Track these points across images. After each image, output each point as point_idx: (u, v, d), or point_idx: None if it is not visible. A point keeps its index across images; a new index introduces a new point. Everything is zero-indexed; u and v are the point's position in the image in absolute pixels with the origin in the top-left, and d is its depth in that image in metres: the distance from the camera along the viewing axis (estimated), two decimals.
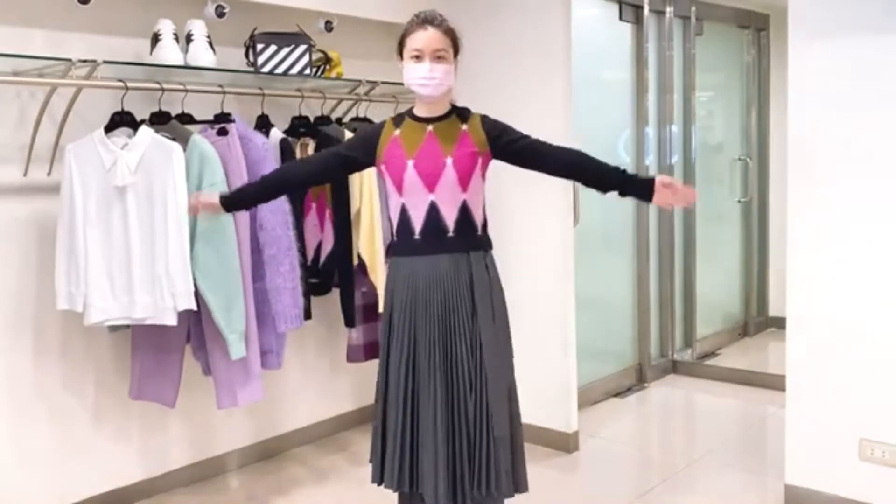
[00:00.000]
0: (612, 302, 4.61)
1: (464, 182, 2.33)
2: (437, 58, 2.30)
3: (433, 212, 2.33)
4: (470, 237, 2.38)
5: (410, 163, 2.33)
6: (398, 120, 2.43)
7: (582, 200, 3.69)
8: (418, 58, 2.30)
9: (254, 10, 3.26)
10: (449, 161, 2.32)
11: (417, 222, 2.34)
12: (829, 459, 2.90)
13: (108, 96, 2.81)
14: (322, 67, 3.44)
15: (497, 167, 2.41)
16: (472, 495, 2.31)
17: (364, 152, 2.41)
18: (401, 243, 2.39)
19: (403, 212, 2.36)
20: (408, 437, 2.33)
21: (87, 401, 3.03)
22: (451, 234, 2.34)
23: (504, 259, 2.46)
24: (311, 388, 3.80)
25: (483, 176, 2.40)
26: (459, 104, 2.43)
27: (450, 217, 2.34)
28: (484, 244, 2.42)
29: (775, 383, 3.80)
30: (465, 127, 2.38)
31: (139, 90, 2.82)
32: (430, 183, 2.32)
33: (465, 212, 2.35)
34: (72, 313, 2.78)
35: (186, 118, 2.96)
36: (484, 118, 2.42)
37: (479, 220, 2.39)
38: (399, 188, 2.35)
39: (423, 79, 2.30)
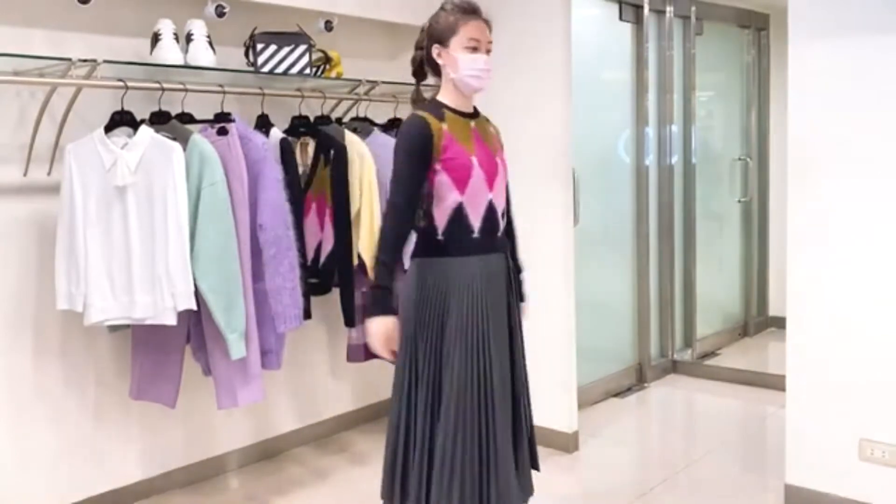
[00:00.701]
0: (612, 302, 4.61)
1: (506, 181, 2.35)
2: (488, 50, 2.26)
3: (491, 212, 2.27)
4: (507, 237, 2.41)
5: (475, 160, 2.23)
6: (437, 113, 2.27)
7: (582, 200, 3.69)
8: (476, 49, 2.22)
9: (254, 9, 3.26)
10: (499, 160, 2.32)
11: (476, 221, 2.25)
12: (829, 459, 2.90)
13: (108, 96, 2.81)
14: (322, 67, 3.44)
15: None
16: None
17: (427, 160, 2.21)
18: (454, 242, 2.24)
19: (459, 210, 2.23)
20: (487, 459, 2.20)
21: (87, 401, 3.03)
22: (500, 233, 2.34)
23: None
24: (312, 388, 3.80)
25: None
26: None
27: (501, 217, 2.33)
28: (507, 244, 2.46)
29: (775, 383, 3.81)
30: (491, 128, 2.39)
31: (139, 90, 2.82)
32: (490, 181, 2.26)
33: (506, 213, 2.39)
34: (72, 313, 2.78)
35: (186, 118, 2.96)
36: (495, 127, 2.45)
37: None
38: (462, 186, 2.22)
39: (480, 71, 2.22)
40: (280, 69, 3.20)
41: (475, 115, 2.34)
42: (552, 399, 3.65)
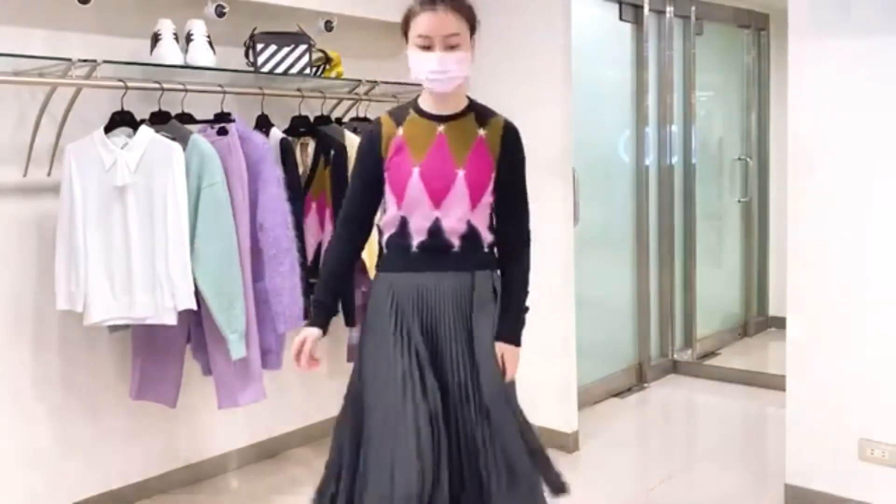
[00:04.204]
0: (612, 302, 4.61)
1: (475, 198, 2.02)
2: (449, 46, 1.93)
3: (436, 231, 2.03)
4: (475, 255, 2.09)
5: (416, 170, 2.00)
6: (399, 115, 2.07)
7: (582, 200, 3.69)
8: (427, 47, 1.93)
9: (254, 9, 3.26)
10: (460, 173, 1.99)
11: (417, 238, 2.04)
12: (829, 459, 2.90)
13: (108, 96, 2.81)
14: (322, 67, 3.44)
15: None
16: None
17: (378, 165, 2.05)
18: (392, 257, 2.10)
19: (402, 224, 2.05)
20: None
21: (87, 401, 3.03)
22: (455, 249, 2.06)
23: None
24: (311, 388, 3.79)
25: (494, 192, 2.08)
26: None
27: (454, 234, 2.04)
28: (491, 262, 2.13)
29: (775, 383, 3.80)
30: (482, 131, 2.04)
31: (139, 90, 2.82)
32: (438, 198, 2.00)
33: (472, 231, 2.06)
34: (72, 313, 2.78)
35: (186, 118, 2.96)
36: (509, 128, 2.08)
37: (486, 239, 2.10)
38: (399, 199, 2.03)
39: (433, 73, 1.94)
40: (280, 69, 3.20)
41: (455, 116, 2.05)
42: (552, 399, 3.65)
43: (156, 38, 2.93)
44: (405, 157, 2.01)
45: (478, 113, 2.07)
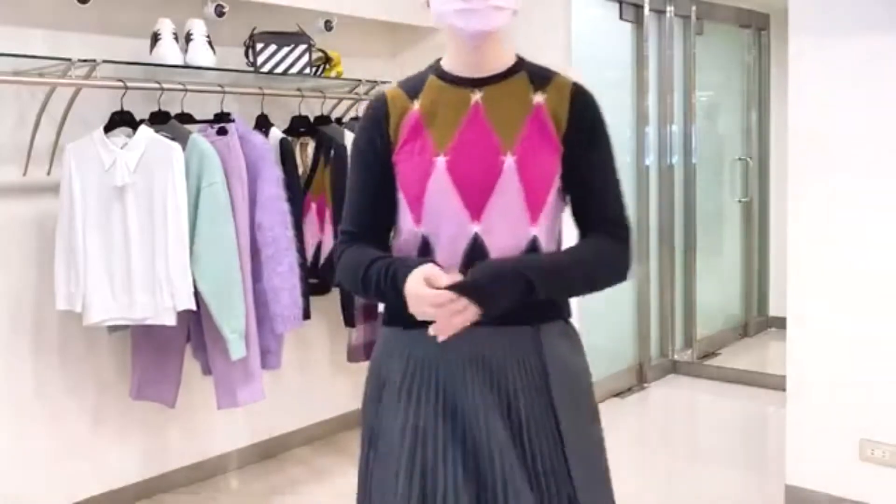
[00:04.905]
0: (612, 302, 4.60)
1: (535, 201, 1.35)
2: None
3: (477, 253, 1.34)
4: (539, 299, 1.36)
5: (441, 161, 1.34)
6: (414, 84, 1.42)
7: None
8: None
9: (254, 9, 3.26)
10: (509, 160, 1.34)
11: (449, 268, 1.33)
12: (829, 459, 2.90)
13: (108, 96, 2.81)
14: (322, 67, 3.44)
15: None
16: None
17: (387, 155, 1.39)
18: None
19: (424, 248, 1.38)
20: None
21: (87, 401, 3.03)
22: None
23: None
24: (311, 388, 3.79)
25: (565, 189, 1.41)
26: None
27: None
28: (563, 308, 1.50)
29: (775, 383, 3.81)
30: (540, 97, 1.41)
31: (139, 90, 2.82)
32: (476, 202, 1.34)
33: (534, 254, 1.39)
34: (72, 313, 2.78)
35: (186, 118, 2.96)
36: (580, 91, 1.45)
37: None
38: (416, 208, 1.36)
39: (463, 1, 1.30)
40: (280, 69, 3.20)
41: (498, 77, 1.42)
42: None
43: (155, 38, 2.93)
44: (423, 141, 1.36)
45: (532, 72, 1.45)
